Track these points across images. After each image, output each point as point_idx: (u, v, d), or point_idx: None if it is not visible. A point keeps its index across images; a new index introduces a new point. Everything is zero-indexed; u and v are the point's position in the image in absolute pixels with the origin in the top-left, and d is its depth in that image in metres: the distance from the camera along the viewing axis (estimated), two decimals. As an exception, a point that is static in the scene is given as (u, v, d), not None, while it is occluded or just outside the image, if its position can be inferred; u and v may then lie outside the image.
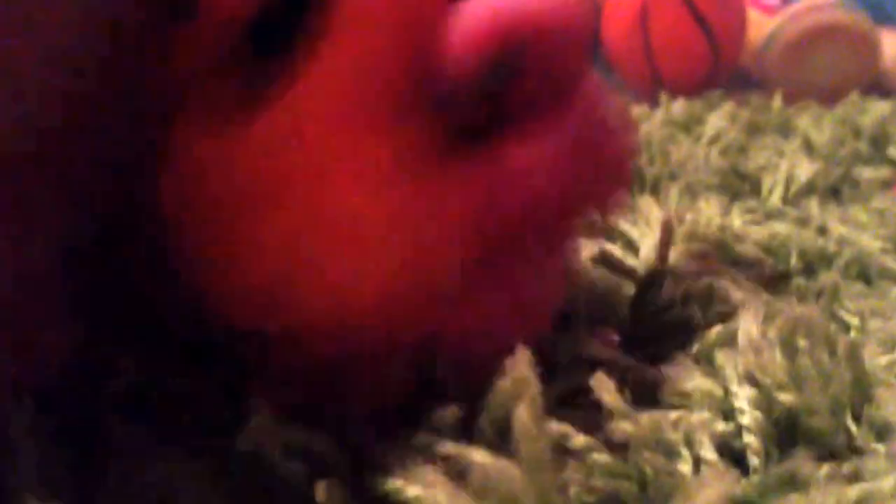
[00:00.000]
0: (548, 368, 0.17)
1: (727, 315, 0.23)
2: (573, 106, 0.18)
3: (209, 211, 0.17)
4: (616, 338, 0.22)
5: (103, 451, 0.17)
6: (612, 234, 0.29)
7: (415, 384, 0.18)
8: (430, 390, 0.17)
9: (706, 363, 0.21)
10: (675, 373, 0.20)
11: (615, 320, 0.23)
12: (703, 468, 0.18)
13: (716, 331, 0.22)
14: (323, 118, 0.17)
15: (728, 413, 0.19)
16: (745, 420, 0.19)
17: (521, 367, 0.16)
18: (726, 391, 0.19)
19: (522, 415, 0.16)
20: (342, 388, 0.17)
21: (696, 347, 0.22)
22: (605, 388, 0.19)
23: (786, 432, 0.19)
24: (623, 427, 0.18)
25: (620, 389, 0.19)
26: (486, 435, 0.17)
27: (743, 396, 0.19)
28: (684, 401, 0.19)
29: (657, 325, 0.23)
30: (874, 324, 0.25)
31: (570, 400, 0.19)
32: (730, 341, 0.21)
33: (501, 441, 0.16)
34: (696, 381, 0.20)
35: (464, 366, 0.17)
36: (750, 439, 0.18)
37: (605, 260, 0.26)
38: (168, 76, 0.17)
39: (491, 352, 0.17)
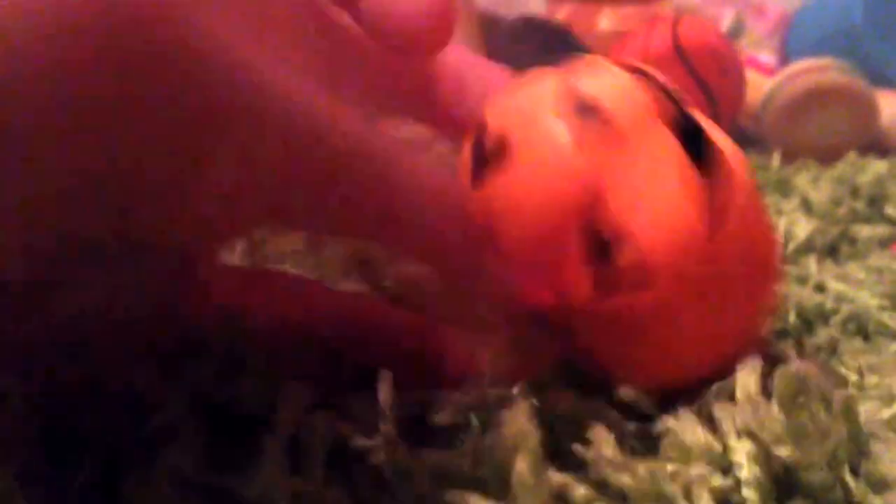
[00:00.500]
0: (549, 415, 0.17)
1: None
2: None
3: None
4: None
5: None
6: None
7: None
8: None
9: (706, 417, 0.21)
10: (674, 425, 0.20)
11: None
12: (702, 521, 0.18)
13: (715, 385, 0.22)
14: None
15: (726, 467, 0.19)
16: (744, 474, 0.19)
17: (520, 417, 0.17)
18: (725, 445, 0.20)
19: (521, 467, 0.16)
20: None
21: (695, 400, 0.22)
22: (604, 440, 0.19)
23: (783, 487, 0.19)
24: (622, 479, 0.18)
25: (620, 440, 0.19)
26: (488, 484, 0.17)
27: (741, 451, 0.19)
28: (683, 454, 0.20)
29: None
30: (872, 379, 0.26)
31: (570, 447, 0.19)
32: (728, 395, 0.21)
33: (503, 490, 0.17)
34: (695, 435, 0.20)
35: None
36: (748, 493, 0.19)
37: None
38: None
39: None
